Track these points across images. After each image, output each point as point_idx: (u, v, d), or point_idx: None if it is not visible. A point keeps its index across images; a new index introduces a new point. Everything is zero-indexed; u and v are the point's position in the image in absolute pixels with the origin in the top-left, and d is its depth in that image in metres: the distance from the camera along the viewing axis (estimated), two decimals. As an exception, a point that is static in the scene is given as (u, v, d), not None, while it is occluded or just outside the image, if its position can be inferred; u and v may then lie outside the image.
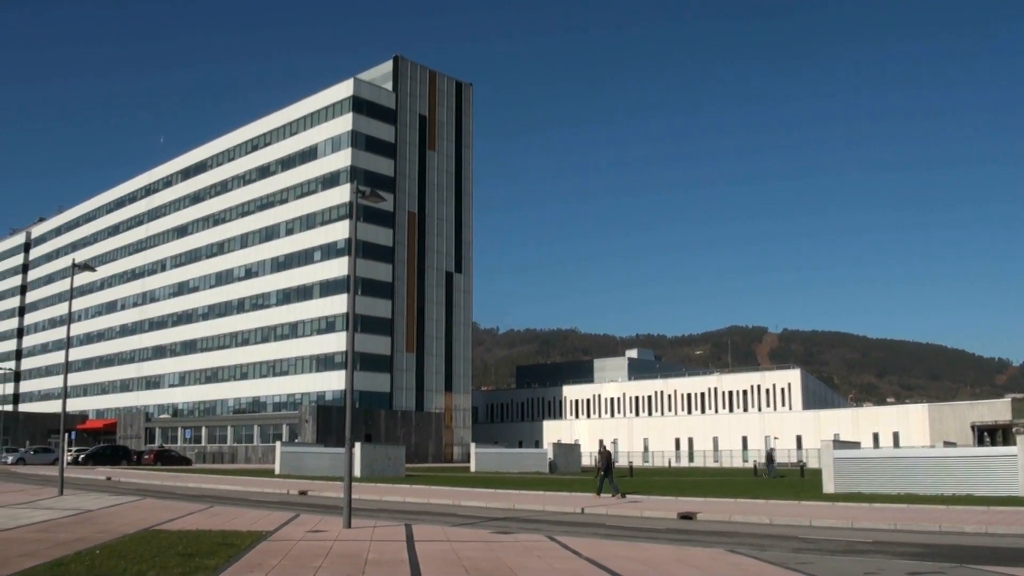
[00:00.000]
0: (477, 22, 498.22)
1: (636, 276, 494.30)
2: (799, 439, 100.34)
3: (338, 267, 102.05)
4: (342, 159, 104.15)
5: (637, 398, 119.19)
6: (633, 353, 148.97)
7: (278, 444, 67.36)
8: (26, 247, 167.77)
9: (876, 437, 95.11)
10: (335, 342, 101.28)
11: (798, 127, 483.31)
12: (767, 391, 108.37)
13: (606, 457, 39.56)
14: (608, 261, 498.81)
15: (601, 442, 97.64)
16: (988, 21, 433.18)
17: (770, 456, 65.88)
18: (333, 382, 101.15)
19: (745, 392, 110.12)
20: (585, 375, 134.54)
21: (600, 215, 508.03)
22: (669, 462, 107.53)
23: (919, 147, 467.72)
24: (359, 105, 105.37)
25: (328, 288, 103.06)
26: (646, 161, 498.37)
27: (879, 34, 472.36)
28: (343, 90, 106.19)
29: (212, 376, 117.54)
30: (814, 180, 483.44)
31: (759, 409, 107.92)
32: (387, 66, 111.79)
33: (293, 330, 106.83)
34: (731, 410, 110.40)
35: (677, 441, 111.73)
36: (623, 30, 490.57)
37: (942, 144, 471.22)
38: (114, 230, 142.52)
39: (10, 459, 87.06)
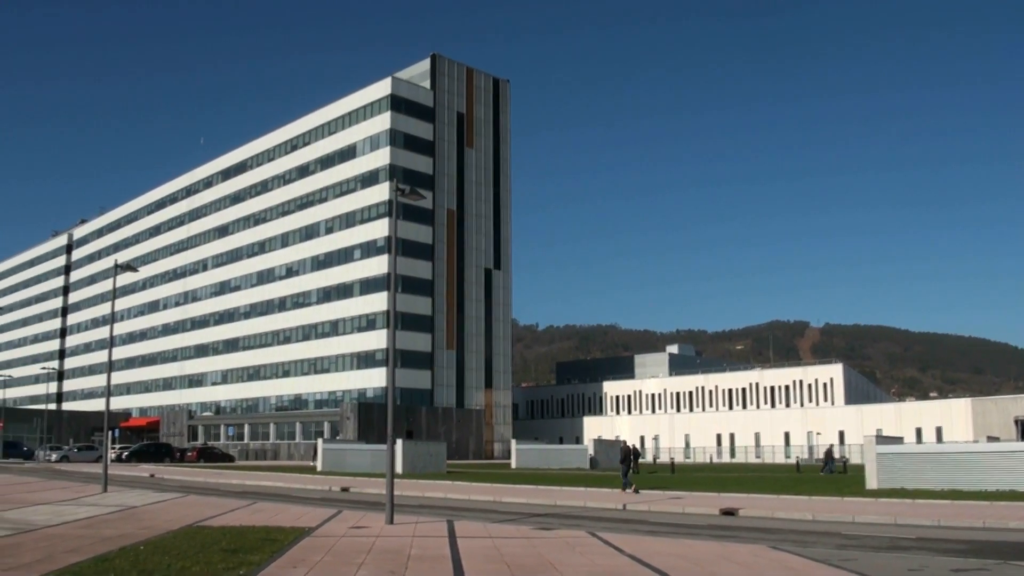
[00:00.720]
0: (514, 18, 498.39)
1: (676, 271, 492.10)
2: (841, 434, 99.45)
3: (378, 265, 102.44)
4: (381, 158, 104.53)
5: (678, 394, 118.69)
6: (674, 348, 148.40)
7: (320, 441, 67.78)
8: (68, 248, 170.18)
9: (919, 432, 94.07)
10: (376, 340, 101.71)
11: (836, 122, 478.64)
12: (809, 386, 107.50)
13: (625, 452, 41.46)
14: (648, 256, 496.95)
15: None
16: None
17: (829, 454, 64.53)
18: (374, 379, 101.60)
19: (787, 387, 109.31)
20: (626, 371, 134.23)
21: (640, 210, 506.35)
22: (710, 458, 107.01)
23: (963, 142, 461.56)
24: (397, 104, 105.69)
25: (368, 286, 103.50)
26: (687, 156, 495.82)
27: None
28: (381, 89, 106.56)
29: (254, 374, 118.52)
30: (857, 175, 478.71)
31: (801, 404, 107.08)
32: (424, 64, 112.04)
33: (334, 328, 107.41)
34: (773, 406, 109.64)
35: (718, 437, 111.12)
36: (663, 24, 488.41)
37: (989, 138, 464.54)
38: (156, 231, 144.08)
39: (54, 457, 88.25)
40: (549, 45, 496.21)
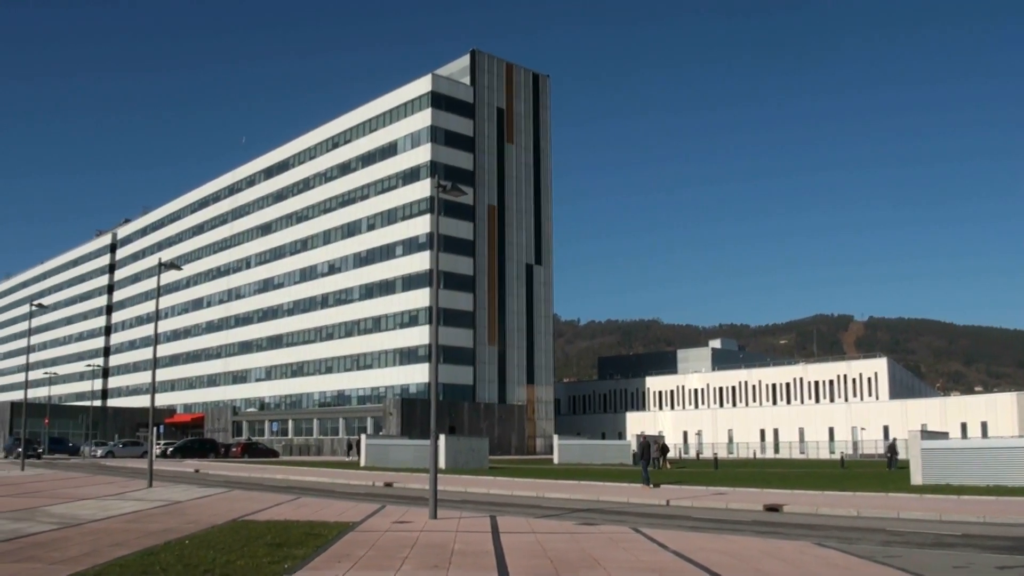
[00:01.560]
0: (554, 11, 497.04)
1: (719, 265, 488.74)
2: (886, 430, 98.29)
3: (419, 261, 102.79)
4: (421, 154, 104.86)
5: (721, 389, 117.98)
6: (717, 343, 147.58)
7: (363, 436, 68.20)
8: (112, 248, 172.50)
9: (964, 427, 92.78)
10: (418, 336, 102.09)
11: (879, 115, 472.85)
12: (853, 380, 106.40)
13: (645, 448, 40.82)
14: (691, 250, 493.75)
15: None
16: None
17: (892, 448, 62.90)
18: (416, 375, 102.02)
19: (831, 382, 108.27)
20: (668, 366, 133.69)
21: (683, 203, 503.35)
22: (754, 453, 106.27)
23: (1012, 134, 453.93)
24: (437, 100, 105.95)
25: (410, 282, 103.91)
26: (731, 148, 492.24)
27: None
28: (421, 86, 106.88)
29: (298, 370, 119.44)
30: (900, 168, 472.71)
31: (845, 399, 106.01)
32: (464, 60, 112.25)
33: (376, 324, 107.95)
34: (817, 400, 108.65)
35: (762, 432, 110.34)
36: (706, 16, 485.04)
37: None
38: (199, 229, 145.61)
39: (99, 452, 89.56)
40: (590, 36, 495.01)
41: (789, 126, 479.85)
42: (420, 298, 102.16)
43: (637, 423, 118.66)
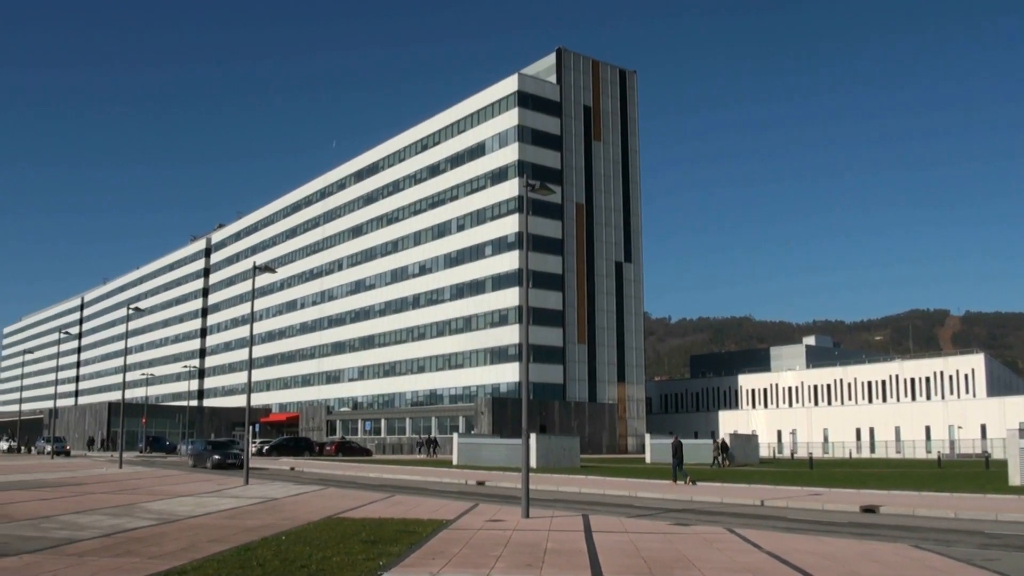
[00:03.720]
0: (640, 4, 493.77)
1: (812, 261, 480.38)
2: (983, 428, 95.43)
3: (509, 261, 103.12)
4: (509, 154, 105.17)
5: (815, 387, 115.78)
6: (811, 340, 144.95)
7: (455, 435, 68.69)
8: (207, 252, 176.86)
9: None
10: (508, 335, 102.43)
11: (972, 108, 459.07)
12: (950, 377, 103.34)
13: (677, 447, 42.04)
14: (783, 245, 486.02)
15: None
16: None
17: None
18: (507, 374, 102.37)
19: (927, 379, 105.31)
20: (761, 364, 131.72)
21: (774, 198, 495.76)
22: (849, 453, 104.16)
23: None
24: (524, 100, 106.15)
25: (500, 282, 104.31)
26: (823, 142, 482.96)
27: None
28: (508, 86, 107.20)
29: (390, 370, 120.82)
30: (997, 163, 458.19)
31: (942, 397, 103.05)
32: (550, 59, 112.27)
33: (467, 324, 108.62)
34: (913, 398, 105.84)
35: (857, 431, 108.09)
36: (794, 7, 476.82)
37: None
38: (292, 232, 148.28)
39: None
40: (677, 28, 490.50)
41: (882, 117, 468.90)
42: (510, 297, 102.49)
43: (730, 422, 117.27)
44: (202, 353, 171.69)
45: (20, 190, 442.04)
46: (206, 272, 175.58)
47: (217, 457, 55.73)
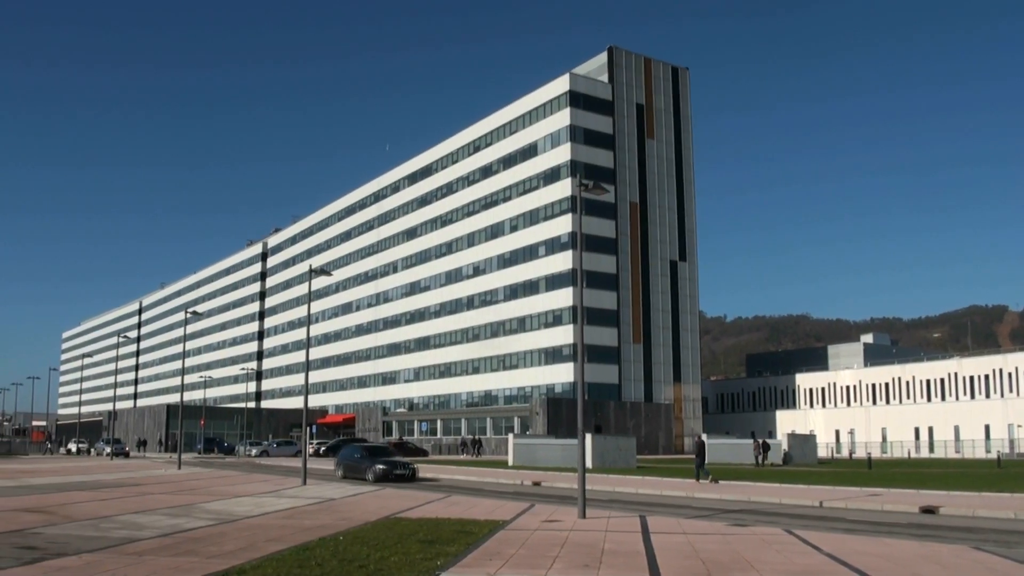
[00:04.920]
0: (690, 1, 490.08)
1: (869, 257, 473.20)
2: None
3: (562, 261, 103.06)
4: (562, 154, 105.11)
5: (873, 385, 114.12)
6: (868, 338, 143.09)
7: (511, 436, 68.86)
8: (263, 256, 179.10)
9: None
10: (562, 335, 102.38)
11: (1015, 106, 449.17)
12: (1009, 375, 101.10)
13: (700, 447, 43.54)
14: (839, 242, 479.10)
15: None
16: None
17: None
18: (562, 374, 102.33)
19: (986, 376, 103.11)
20: (818, 362, 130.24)
21: (830, 194, 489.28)
22: (908, 453, 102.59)
23: None
24: (576, 99, 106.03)
25: (554, 282, 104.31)
26: (878, 138, 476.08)
27: None
28: (559, 86, 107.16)
29: (445, 371, 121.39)
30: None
31: (1001, 395, 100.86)
32: (602, 58, 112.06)
33: (521, 324, 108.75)
34: (972, 396, 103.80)
35: (916, 430, 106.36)
36: (847, 2, 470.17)
37: None
38: (346, 236, 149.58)
39: (254, 452, 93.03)
40: (728, 25, 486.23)
41: (938, 114, 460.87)
42: (564, 297, 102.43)
43: (788, 422, 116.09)
44: (259, 356, 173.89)
45: (79, 193, 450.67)
46: (263, 276, 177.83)
47: (381, 467, 43.39)
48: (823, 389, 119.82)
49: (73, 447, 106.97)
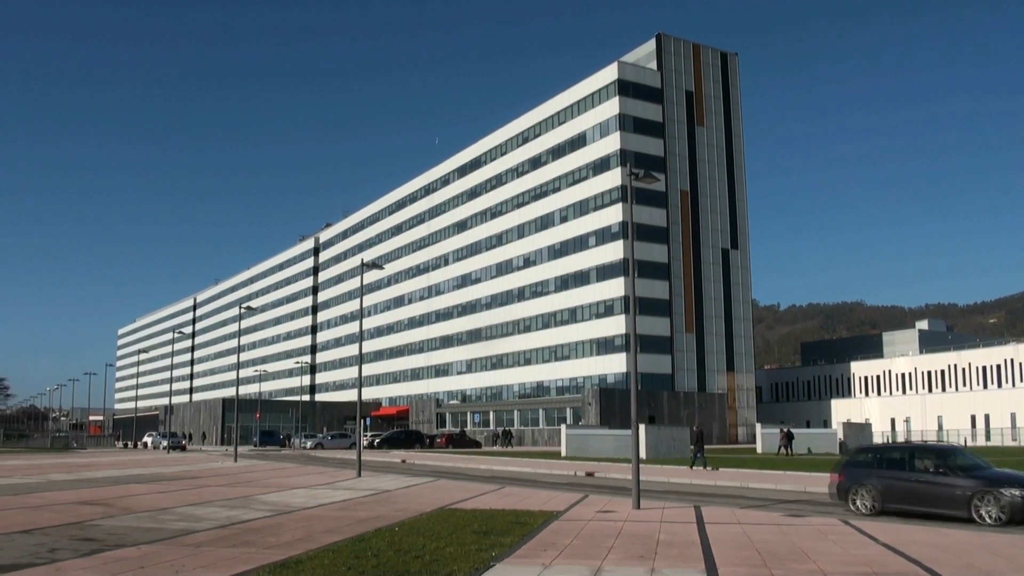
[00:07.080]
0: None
1: (924, 242, 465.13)
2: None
3: (613, 251, 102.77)
4: (611, 143, 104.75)
5: (929, 372, 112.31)
6: (924, 324, 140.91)
7: (563, 427, 68.90)
8: (315, 251, 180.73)
9: None
10: (614, 325, 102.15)
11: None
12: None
13: (699, 436, 44.96)
14: (894, 228, 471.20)
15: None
16: None
17: None
18: (614, 365, 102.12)
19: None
20: (873, 350, 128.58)
21: (884, 179, 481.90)
22: (965, 441, 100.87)
23: None
24: (624, 88, 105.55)
25: (604, 272, 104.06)
26: (933, 120, 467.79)
27: None
28: (608, 75, 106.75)
29: (497, 363, 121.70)
30: None
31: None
32: (650, 45, 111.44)
33: (572, 315, 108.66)
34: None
35: (972, 418, 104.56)
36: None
37: None
38: (397, 229, 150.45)
39: (309, 444, 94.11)
40: (779, 6, 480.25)
41: (992, 94, 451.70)
42: (615, 288, 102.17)
43: (843, 410, 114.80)
44: (313, 349, 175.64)
45: (134, 187, 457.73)
46: (315, 270, 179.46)
47: None
48: (878, 377, 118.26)
49: (148, 441, 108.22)
